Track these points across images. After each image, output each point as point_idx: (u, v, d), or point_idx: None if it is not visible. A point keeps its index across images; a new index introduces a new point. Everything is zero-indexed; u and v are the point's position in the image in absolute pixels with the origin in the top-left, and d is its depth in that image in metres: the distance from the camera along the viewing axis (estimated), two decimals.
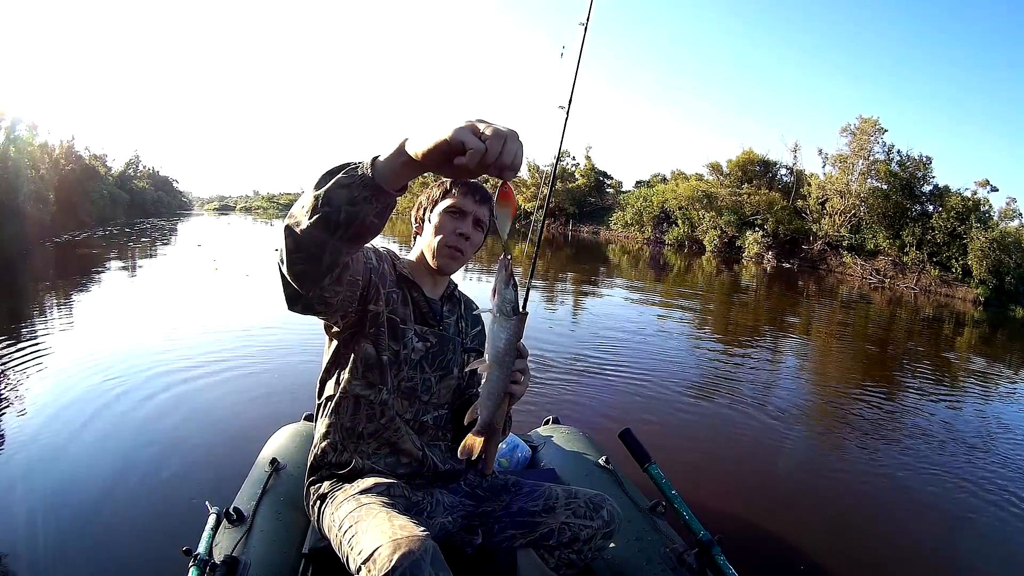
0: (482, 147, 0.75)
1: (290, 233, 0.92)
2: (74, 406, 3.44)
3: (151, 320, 6.02)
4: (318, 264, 0.96)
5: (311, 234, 0.90)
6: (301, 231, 0.90)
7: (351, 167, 0.88)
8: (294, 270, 0.96)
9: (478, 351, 1.43)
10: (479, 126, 0.76)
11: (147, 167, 45.14)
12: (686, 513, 1.50)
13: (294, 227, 0.91)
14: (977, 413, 4.90)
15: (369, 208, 0.88)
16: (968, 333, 10.43)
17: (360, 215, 0.88)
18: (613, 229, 29.41)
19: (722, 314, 9.25)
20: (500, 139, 0.75)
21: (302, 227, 0.90)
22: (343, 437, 1.28)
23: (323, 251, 0.93)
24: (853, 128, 20.96)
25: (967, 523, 2.91)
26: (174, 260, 12.91)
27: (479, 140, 0.75)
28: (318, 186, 0.88)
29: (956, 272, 17.12)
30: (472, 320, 1.48)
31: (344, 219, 0.88)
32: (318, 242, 0.91)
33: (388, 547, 0.96)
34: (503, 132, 0.76)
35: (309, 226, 0.89)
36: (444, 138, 0.76)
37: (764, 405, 4.32)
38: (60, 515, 2.29)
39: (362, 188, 0.86)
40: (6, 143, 15.98)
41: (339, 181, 0.87)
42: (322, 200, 0.87)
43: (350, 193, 0.86)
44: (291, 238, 0.92)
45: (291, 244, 0.93)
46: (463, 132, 0.75)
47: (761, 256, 20.98)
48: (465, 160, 0.75)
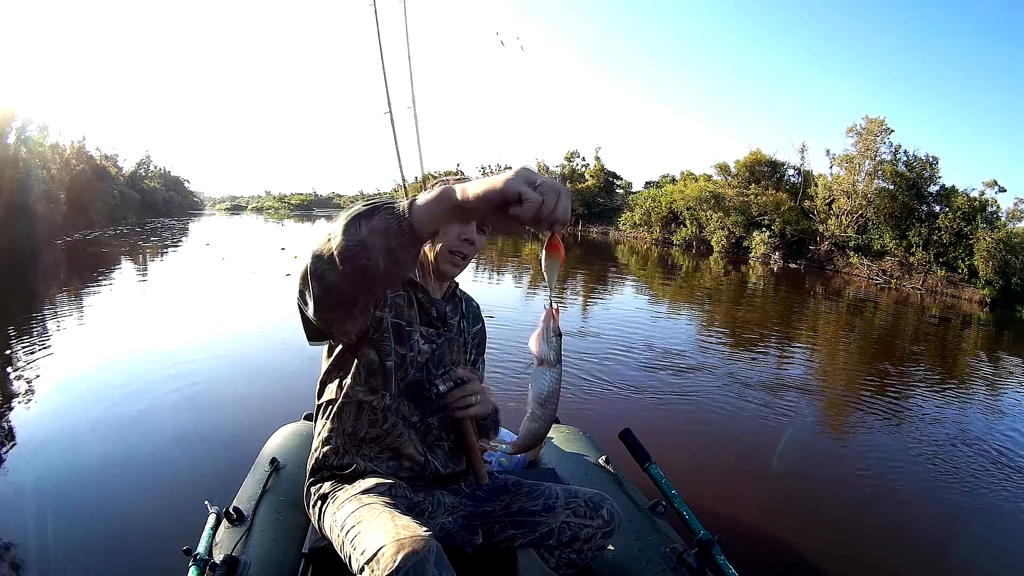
0: (539, 200, 0.75)
1: (319, 280, 0.88)
2: (77, 404, 3.48)
3: (155, 319, 6.07)
4: (350, 309, 0.94)
5: (344, 282, 0.87)
6: (334, 280, 0.87)
7: (386, 210, 0.84)
8: (323, 317, 0.93)
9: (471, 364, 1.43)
10: (534, 178, 0.77)
11: (158, 167, 45.42)
12: (686, 513, 1.49)
13: (323, 274, 0.87)
14: (981, 414, 4.86)
15: (406, 255, 0.85)
16: (974, 334, 10.34)
17: (401, 262, 0.86)
18: (622, 230, 29.33)
19: (726, 314, 9.21)
20: (555, 193, 0.76)
21: (334, 275, 0.86)
22: (345, 442, 1.28)
23: (358, 298, 0.91)
24: (859, 128, 20.81)
25: (968, 523, 2.90)
26: (182, 259, 12.99)
27: (536, 192, 0.75)
28: (349, 231, 0.84)
29: (962, 273, 16.95)
30: (473, 317, 1.47)
31: (384, 269, 0.85)
32: (353, 289, 0.88)
33: (392, 547, 0.96)
34: (557, 186, 0.76)
35: (342, 275, 0.86)
36: (498, 188, 0.76)
37: (765, 405, 4.31)
38: (62, 512, 2.31)
39: (399, 235, 0.83)
40: (17, 143, 16.10)
41: (375, 228, 0.83)
42: (360, 248, 0.83)
43: (387, 241, 0.83)
44: (319, 284, 0.88)
45: (319, 291, 0.89)
46: (519, 183, 0.76)
47: (768, 256, 20.86)
48: (521, 211, 0.75)
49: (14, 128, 16.10)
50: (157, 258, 12.93)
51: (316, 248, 0.88)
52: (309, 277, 0.89)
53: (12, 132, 15.95)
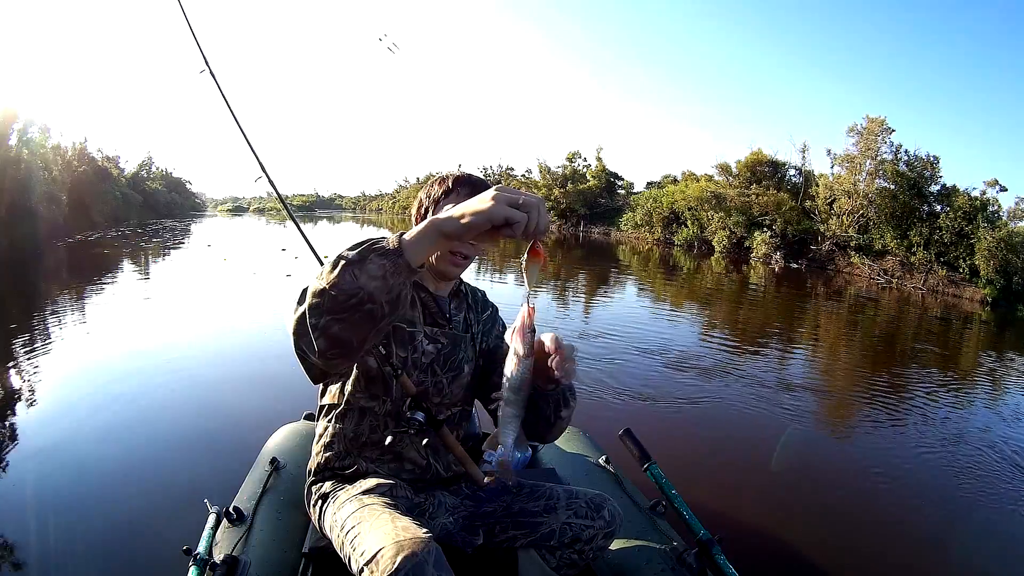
0: (526, 218, 0.81)
1: (322, 333, 0.87)
2: (78, 404, 3.48)
3: (156, 320, 6.08)
4: (359, 350, 0.92)
5: (349, 331, 0.87)
6: (338, 332, 0.87)
7: (377, 253, 0.86)
8: (330, 363, 0.93)
9: (490, 350, 1.40)
10: (514, 198, 0.82)
11: (160, 168, 45.59)
12: (686, 512, 1.49)
13: (326, 327, 0.87)
14: (982, 414, 4.84)
15: (404, 289, 0.88)
16: (975, 333, 10.32)
17: (403, 299, 0.89)
18: (623, 230, 29.31)
19: (727, 314, 9.20)
20: (536, 208, 0.82)
21: (338, 327, 0.86)
22: (346, 447, 1.28)
23: (365, 341, 0.90)
24: (860, 128, 20.73)
25: (968, 523, 2.89)
26: (184, 260, 13.01)
27: (521, 212, 0.81)
28: (345, 281, 0.84)
29: (964, 272, 16.89)
30: (480, 306, 1.44)
31: (388, 311, 0.87)
32: (358, 335, 0.88)
33: (391, 548, 0.96)
34: (535, 201, 0.82)
35: (348, 325, 0.86)
36: (484, 215, 0.82)
37: (766, 404, 4.30)
38: (62, 512, 2.31)
39: (396, 274, 0.85)
40: (19, 145, 16.17)
41: (372, 273, 0.85)
42: (361, 297, 0.84)
43: (386, 283, 0.85)
44: (324, 338, 0.88)
45: (325, 344, 0.88)
46: (504, 209, 0.82)
47: (769, 257, 20.81)
48: (511, 232, 0.82)
49: (16, 130, 16.17)
50: (159, 259, 12.95)
51: (313, 301, 0.87)
52: (311, 331, 0.88)
53: (14, 134, 16.03)
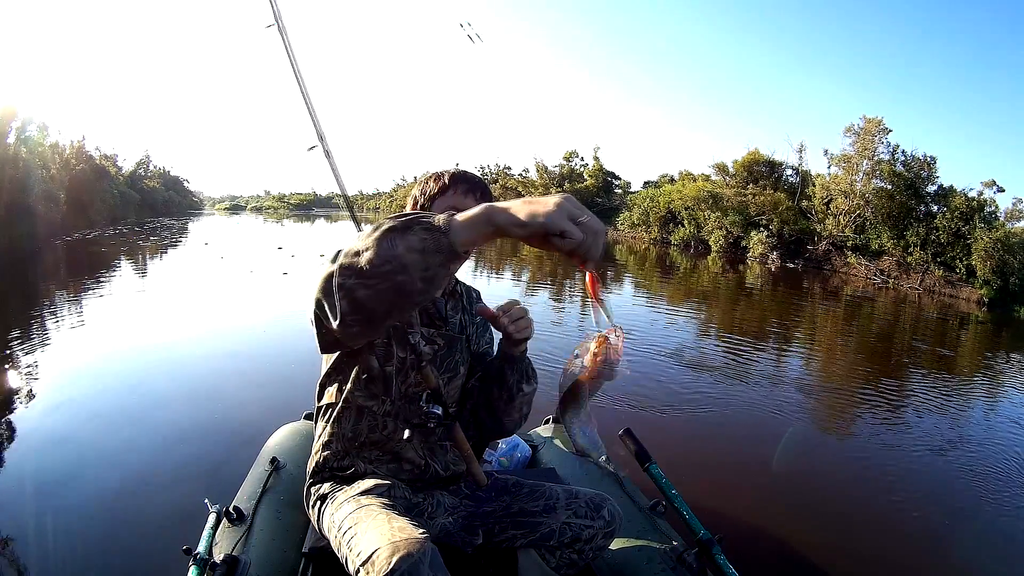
0: (581, 238, 0.77)
1: (347, 295, 0.83)
2: (77, 403, 3.48)
3: (154, 318, 6.07)
4: (378, 326, 0.90)
5: (375, 300, 0.83)
6: (364, 297, 0.83)
7: (422, 226, 0.81)
8: (348, 332, 0.88)
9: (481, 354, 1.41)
10: (578, 214, 0.77)
11: (158, 167, 45.60)
12: (686, 512, 1.49)
13: (353, 289, 0.83)
14: (980, 414, 4.86)
15: (443, 273, 0.82)
16: (972, 334, 10.35)
17: (436, 281, 0.82)
18: (620, 229, 29.33)
19: (725, 314, 9.21)
20: (595, 235, 0.78)
21: (365, 292, 0.82)
22: (345, 447, 1.27)
23: (389, 315, 0.87)
24: (857, 128, 20.75)
25: (967, 522, 2.90)
26: (181, 259, 12.98)
27: (578, 230, 0.77)
28: (383, 247, 0.80)
29: (960, 272, 16.93)
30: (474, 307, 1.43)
31: (419, 288, 0.82)
32: (383, 307, 0.85)
33: (386, 549, 0.96)
34: (598, 227, 0.78)
35: (375, 292, 0.82)
36: (541, 220, 0.76)
37: (765, 404, 4.31)
38: (62, 511, 2.31)
39: (437, 253, 0.80)
40: (17, 143, 16.12)
41: (411, 245, 0.80)
42: (395, 266, 0.80)
43: (424, 260, 0.80)
44: (349, 301, 0.83)
45: (348, 307, 0.84)
46: (563, 220, 0.76)
47: (766, 256, 20.81)
48: (561, 243, 0.77)
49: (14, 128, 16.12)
50: (156, 257, 12.93)
51: (345, 261, 0.83)
52: (336, 291, 0.84)
53: (12, 132, 15.97)
